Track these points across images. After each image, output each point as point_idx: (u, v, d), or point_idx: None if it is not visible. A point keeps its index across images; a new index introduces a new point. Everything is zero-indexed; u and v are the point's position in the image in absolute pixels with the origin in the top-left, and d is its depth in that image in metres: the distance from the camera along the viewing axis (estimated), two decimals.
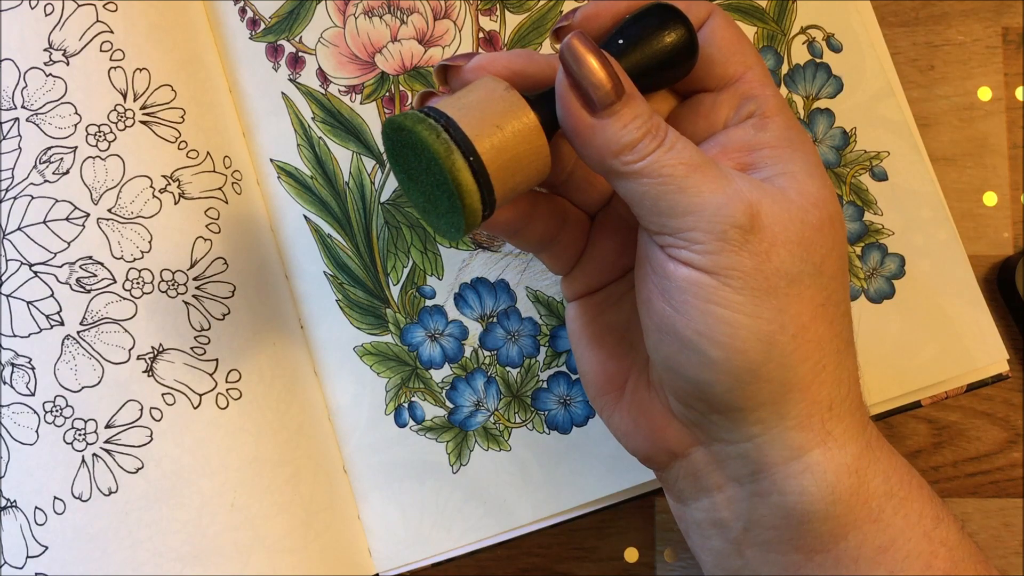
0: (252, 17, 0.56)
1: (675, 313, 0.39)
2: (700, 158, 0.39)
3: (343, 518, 0.53)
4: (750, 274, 0.38)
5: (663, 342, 0.40)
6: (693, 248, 0.38)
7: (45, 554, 0.50)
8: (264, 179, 0.56)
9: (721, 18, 0.42)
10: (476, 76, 0.40)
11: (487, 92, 0.38)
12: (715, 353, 0.39)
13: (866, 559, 0.40)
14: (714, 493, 0.41)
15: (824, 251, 0.40)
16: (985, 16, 0.58)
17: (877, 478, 0.40)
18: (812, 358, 0.39)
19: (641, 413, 0.43)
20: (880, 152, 0.56)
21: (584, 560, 0.55)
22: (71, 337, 0.51)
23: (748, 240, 0.38)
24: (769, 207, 0.38)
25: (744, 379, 0.39)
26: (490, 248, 0.55)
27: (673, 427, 0.42)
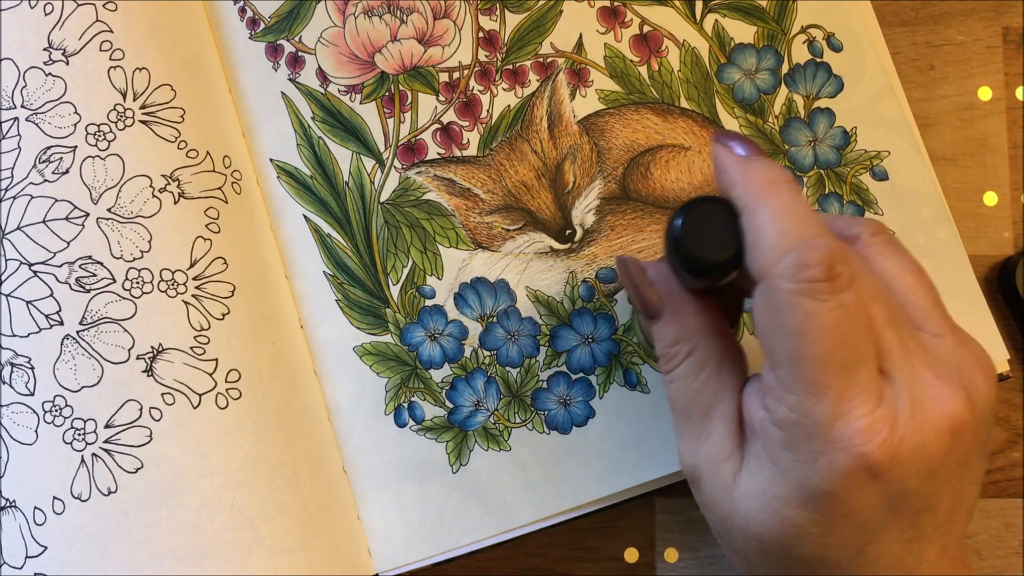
0: (252, 17, 0.56)
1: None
2: (691, 404, 0.44)
3: (343, 518, 0.53)
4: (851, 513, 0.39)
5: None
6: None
7: (44, 554, 0.50)
8: (264, 179, 0.56)
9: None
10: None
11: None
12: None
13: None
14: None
15: (944, 480, 0.40)
16: (985, 16, 0.58)
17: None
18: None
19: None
20: (881, 152, 0.56)
21: (584, 560, 0.55)
22: (71, 337, 0.51)
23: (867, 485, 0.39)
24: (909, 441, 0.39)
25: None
26: (490, 248, 0.55)
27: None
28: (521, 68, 0.56)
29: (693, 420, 0.44)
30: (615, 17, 0.57)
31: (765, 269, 0.38)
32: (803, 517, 0.39)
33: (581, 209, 0.55)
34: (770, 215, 0.39)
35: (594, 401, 0.54)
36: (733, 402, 0.43)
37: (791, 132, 0.56)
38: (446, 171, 0.55)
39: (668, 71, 0.56)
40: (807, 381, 0.38)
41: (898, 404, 0.38)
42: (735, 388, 0.43)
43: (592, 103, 0.56)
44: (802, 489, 0.39)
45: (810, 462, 0.38)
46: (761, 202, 0.39)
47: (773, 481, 0.40)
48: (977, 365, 0.41)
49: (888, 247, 0.43)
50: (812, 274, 0.37)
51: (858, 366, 0.38)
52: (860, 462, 0.37)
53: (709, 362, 0.43)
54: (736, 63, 0.57)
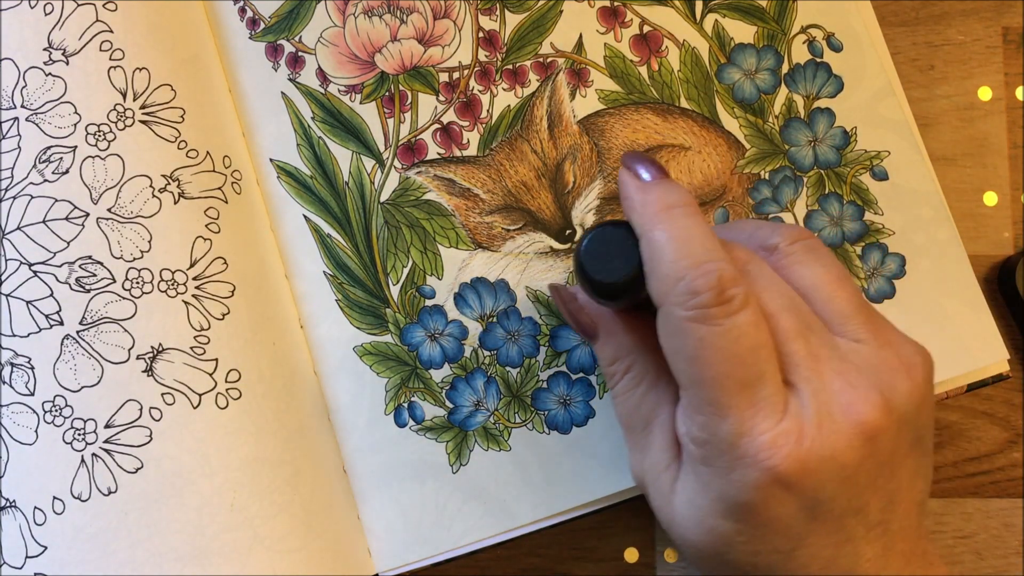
0: (252, 17, 0.56)
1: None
2: (633, 418, 0.45)
3: (343, 518, 0.53)
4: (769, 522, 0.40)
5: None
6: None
7: (44, 554, 0.50)
8: (264, 179, 0.56)
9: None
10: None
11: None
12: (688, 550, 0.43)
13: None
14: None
15: (867, 483, 0.40)
16: (985, 16, 0.58)
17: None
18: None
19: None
20: (880, 152, 0.56)
21: (584, 560, 0.55)
22: (70, 337, 0.51)
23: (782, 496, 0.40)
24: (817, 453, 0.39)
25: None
26: (490, 248, 0.55)
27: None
28: (521, 68, 0.56)
29: (636, 433, 0.45)
30: (615, 17, 0.57)
31: (661, 297, 0.40)
32: (727, 527, 0.40)
33: (581, 209, 0.55)
34: (663, 241, 0.40)
35: (594, 401, 0.54)
36: (671, 414, 0.44)
37: (791, 132, 0.56)
38: (446, 171, 0.55)
39: (668, 71, 0.56)
40: (709, 402, 0.39)
41: (804, 415, 0.39)
42: (672, 400, 0.44)
43: (592, 103, 0.56)
44: (721, 501, 0.40)
45: (724, 476, 0.39)
46: (655, 228, 0.40)
47: (698, 492, 0.41)
48: (900, 366, 0.41)
49: (808, 255, 0.44)
50: (702, 300, 0.38)
51: (757, 383, 0.39)
52: (768, 475, 0.38)
53: (646, 377, 0.45)
54: (736, 63, 0.57)
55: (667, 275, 0.39)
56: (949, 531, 0.56)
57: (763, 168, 0.56)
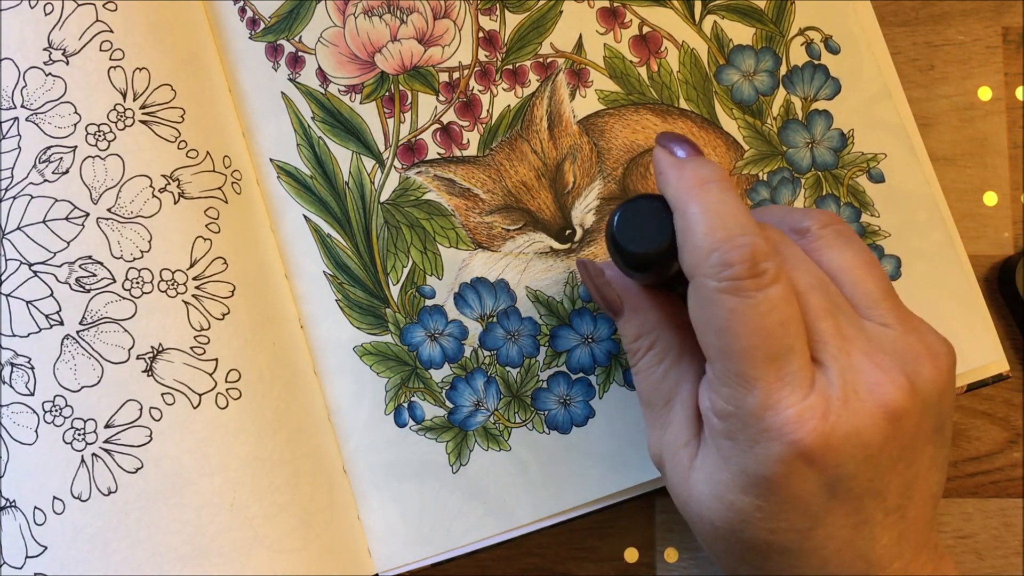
0: (252, 17, 0.56)
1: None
2: (654, 395, 0.46)
3: (343, 518, 0.53)
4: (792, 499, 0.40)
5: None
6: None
7: (44, 554, 0.50)
8: (264, 179, 0.56)
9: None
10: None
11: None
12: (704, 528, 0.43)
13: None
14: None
15: (888, 466, 0.40)
16: (985, 16, 0.58)
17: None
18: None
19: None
20: (877, 154, 0.56)
21: (584, 560, 0.55)
22: (70, 337, 0.51)
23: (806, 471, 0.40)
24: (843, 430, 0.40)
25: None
26: (490, 248, 0.55)
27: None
28: (521, 68, 0.56)
29: (656, 409, 0.45)
30: (615, 18, 0.57)
31: (693, 268, 0.40)
32: (746, 502, 0.40)
33: (581, 209, 0.55)
34: (698, 214, 0.40)
35: (594, 401, 0.54)
36: (692, 391, 0.44)
37: (789, 133, 0.56)
38: (446, 171, 0.55)
39: (667, 72, 0.57)
40: (736, 374, 0.39)
41: (830, 392, 0.39)
42: (694, 378, 0.44)
43: (592, 103, 0.56)
44: (743, 475, 0.40)
45: (747, 450, 0.40)
46: (691, 201, 0.40)
47: (718, 467, 0.41)
48: (926, 353, 0.41)
49: (838, 239, 0.45)
50: (735, 272, 0.38)
51: (786, 357, 0.39)
52: (793, 449, 0.38)
53: (669, 354, 0.45)
54: (735, 64, 0.57)
55: (701, 247, 0.39)
56: (949, 531, 0.56)
57: (761, 169, 0.56)
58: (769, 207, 0.50)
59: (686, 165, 0.42)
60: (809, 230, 0.45)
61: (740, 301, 0.38)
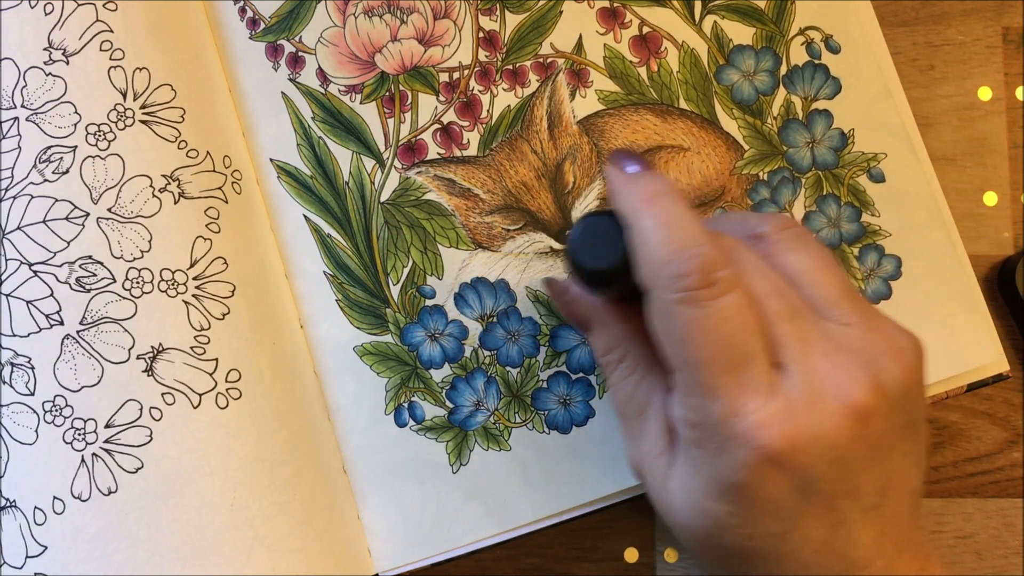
0: (252, 17, 0.56)
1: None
2: (628, 406, 0.45)
3: (343, 518, 0.53)
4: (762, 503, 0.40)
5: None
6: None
7: (44, 554, 0.50)
8: (264, 179, 0.56)
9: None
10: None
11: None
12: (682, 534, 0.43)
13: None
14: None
15: (860, 465, 0.40)
16: (985, 16, 0.58)
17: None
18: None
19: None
20: (878, 154, 0.56)
21: (584, 560, 0.55)
22: (71, 337, 0.51)
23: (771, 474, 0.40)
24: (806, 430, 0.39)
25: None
26: (490, 248, 0.55)
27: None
28: (521, 68, 0.56)
29: (631, 421, 0.45)
30: (615, 18, 0.57)
31: (649, 281, 0.40)
32: (720, 509, 0.40)
33: (581, 209, 0.55)
34: (650, 227, 0.40)
35: (594, 401, 0.54)
36: (664, 401, 0.44)
37: (789, 133, 0.56)
38: (446, 171, 0.55)
39: (667, 72, 0.57)
40: (699, 384, 0.39)
41: (793, 395, 0.39)
42: (666, 388, 0.44)
43: (592, 104, 0.56)
44: (714, 482, 0.40)
45: (715, 457, 0.40)
46: (642, 215, 0.40)
47: (691, 475, 0.41)
48: (889, 350, 0.41)
49: (795, 242, 0.45)
50: (689, 283, 0.39)
51: (745, 364, 0.39)
52: (760, 454, 0.38)
53: (639, 366, 0.45)
54: (735, 64, 0.57)
55: (654, 260, 0.39)
56: (949, 531, 0.56)
57: (762, 169, 0.56)
58: (727, 214, 0.51)
59: (636, 180, 0.42)
60: (765, 235, 0.45)
61: (696, 311, 0.39)
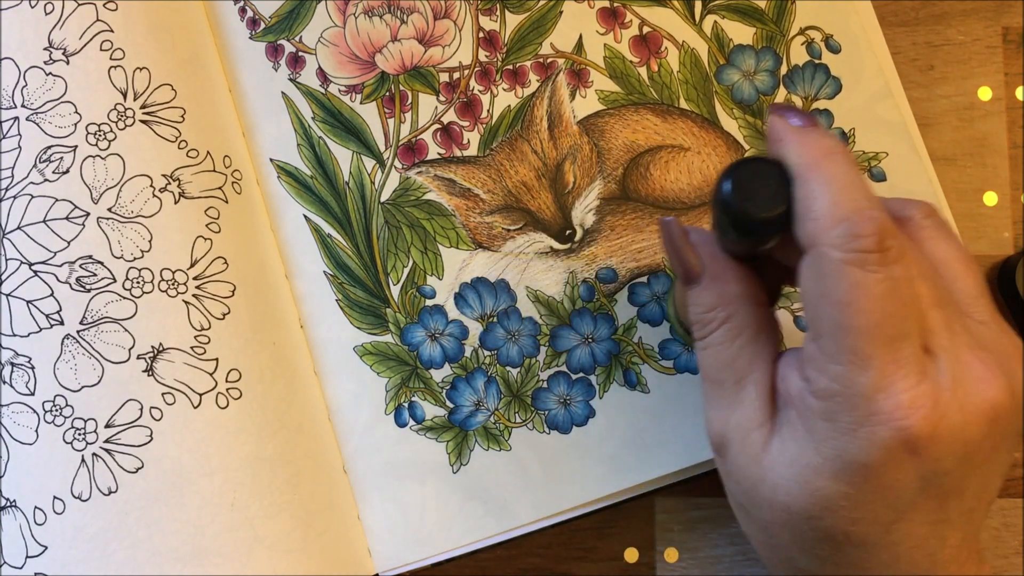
0: (252, 17, 0.56)
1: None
2: (724, 372, 0.43)
3: (343, 518, 0.53)
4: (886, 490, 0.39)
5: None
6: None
7: (44, 554, 0.50)
8: (264, 179, 0.56)
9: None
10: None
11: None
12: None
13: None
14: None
15: (977, 465, 0.39)
16: (985, 16, 0.58)
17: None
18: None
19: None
20: (879, 153, 0.56)
21: (584, 560, 0.55)
22: (71, 336, 0.51)
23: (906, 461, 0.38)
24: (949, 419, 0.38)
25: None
26: (490, 248, 0.55)
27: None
28: (521, 68, 0.56)
29: (725, 387, 0.43)
30: (615, 18, 0.57)
31: (815, 237, 0.38)
32: (834, 489, 0.39)
33: (581, 209, 0.55)
34: (825, 183, 0.38)
35: (594, 401, 0.54)
36: (767, 371, 0.42)
37: None
38: (446, 171, 0.55)
39: (667, 72, 0.57)
40: (851, 351, 0.37)
41: (941, 382, 0.38)
42: (769, 358, 0.43)
43: (592, 104, 0.56)
44: (838, 460, 0.38)
45: (849, 433, 0.38)
46: (816, 170, 0.39)
47: (807, 451, 0.39)
48: (1018, 355, 0.40)
49: (939, 231, 0.43)
50: (863, 244, 0.37)
51: (903, 340, 0.37)
52: (900, 435, 0.37)
53: (746, 330, 0.43)
54: (735, 64, 0.57)
55: (827, 216, 0.38)
56: None
57: None
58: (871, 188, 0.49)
59: (810, 134, 0.40)
60: (912, 219, 0.43)
61: (865, 275, 0.37)
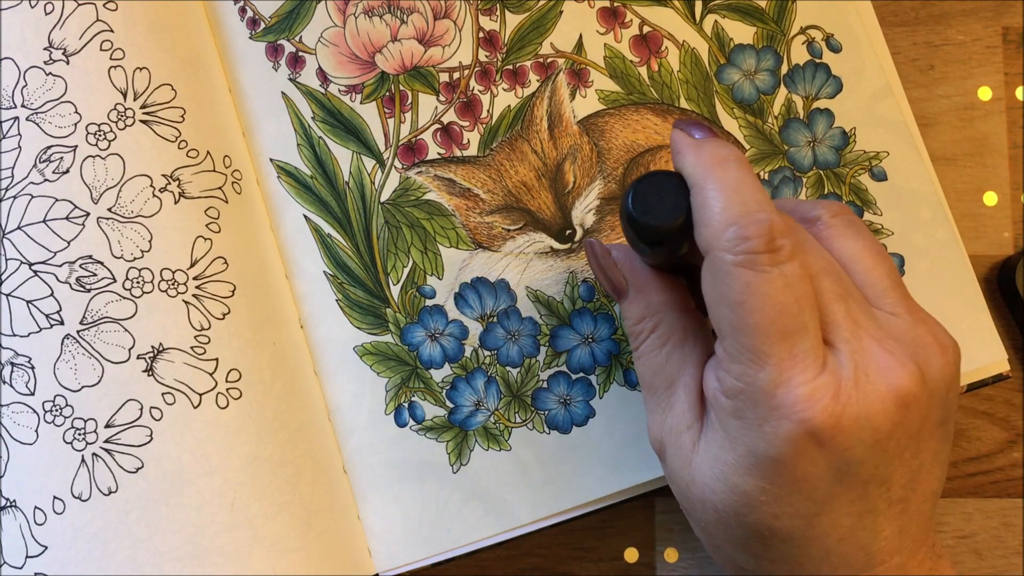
0: (252, 17, 0.56)
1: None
2: (656, 378, 0.45)
3: (343, 518, 0.53)
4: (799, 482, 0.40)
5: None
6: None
7: (44, 554, 0.50)
8: (264, 179, 0.56)
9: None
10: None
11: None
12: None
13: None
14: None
15: (895, 454, 0.40)
16: (985, 16, 0.58)
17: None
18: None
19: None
20: (879, 152, 0.56)
21: (584, 560, 0.55)
22: (71, 336, 0.51)
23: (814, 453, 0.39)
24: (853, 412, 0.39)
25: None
26: (490, 248, 0.55)
27: None
28: (521, 68, 0.56)
29: (658, 393, 0.45)
30: (615, 18, 0.57)
31: (710, 242, 0.39)
32: (752, 484, 0.40)
33: (581, 209, 0.55)
34: (716, 190, 0.40)
35: (594, 401, 0.54)
36: (695, 375, 0.44)
37: (791, 132, 0.56)
38: (446, 171, 0.55)
39: (668, 72, 0.57)
40: (749, 350, 0.39)
41: (842, 373, 0.39)
42: (697, 362, 0.44)
43: (592, 103, 0.56)
44: (750, 456, 0.40)
45: (755, 429, 0.39)
46: (709, 178, 0.40)
47: (724, 449, 0.41)
48: (934, 343, 0.41)
49: (848, 228, 0.45)
50: (752, 246, 0.38)
51: (799, 335, 0.39)
52: (802, 428, 0.38)
53: (672, 337, 0.45)
54: (735, 64, 0.57)
55: (718, 221, 0.39)
56: (949, 531, 0.56)
57: (763, 168, 0.56)
58: (779, 199, 0.50)
59: (704, 144, 0.42)
60: (820, 218, 0.45)
61: (756, 275, 0.38)
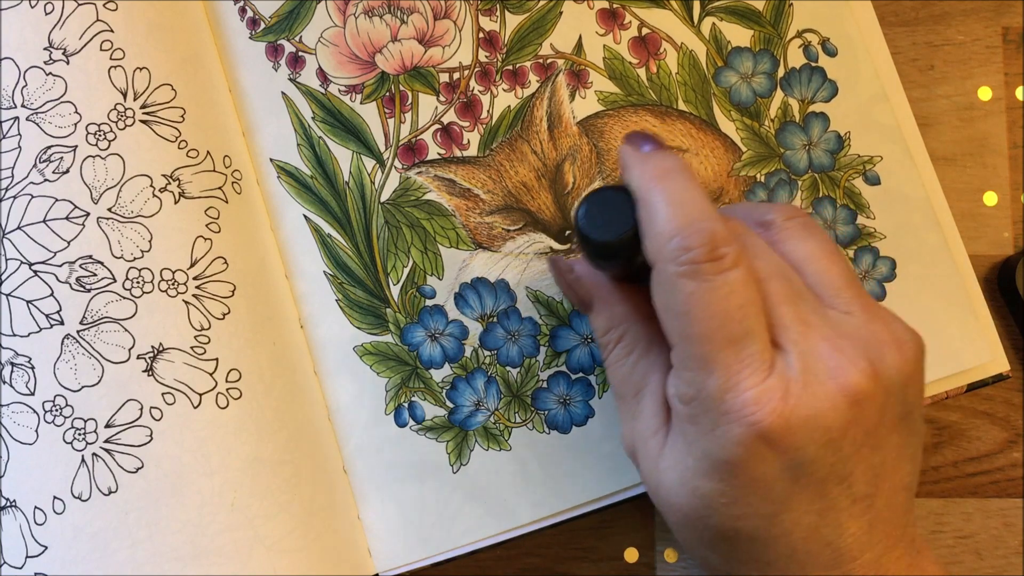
0: (252, 17, 0.56)
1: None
2: (624, 386, 0.46)
3: (343, 518, 0.53)
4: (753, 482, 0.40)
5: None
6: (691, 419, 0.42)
7: (44, 554, 0.49)
8: (264, 179, 0.56)
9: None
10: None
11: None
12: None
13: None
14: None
15: (852, 451, 0.40)
16: (985, 16, 0.59)
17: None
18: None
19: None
20: (874, 156, 0.56)
21: (584, 560, 0.55)
22: (71, 336, 0.50)
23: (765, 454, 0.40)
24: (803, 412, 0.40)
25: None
26: (490, 248, 0.55)
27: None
28: (521, 69, 0.56)
29: (627, 401, 0.46)
30: (614, 19, 0.57)
31: (655, 254, 0.40)
32: (710, 487, 0.40)
33: None
34: (660, 202, 0.40)
35: (594, 401, 0.54)
36: (660, 381, 0.44)
37: (786, 136, 0.56)
38: (446, 171, 0.55)
39: (666, 73, 0.57)
40: (697, 357, 0.39)
41: (790, 374, 0.39)
42: (663, 368, 0.45)
43: (591, 104, 0.56)
44: (706, 459, 0.40)
45: (709, 433, 0.40)
46: (653, 190, 0.41)
47: (684, 453, 0.41)
48: (890, 340, 0.41)
49: (802, 230, 0.45)
50: (694, 255, 0.39)
51: (745, 340, 0.39)
52: (752, 430, 0.39)
53: (638, 346, 0.45)
54: (733, 66, 0.57)
55: (661, 233, 0.40)
56: (949, 531, 0.56)
57: (759, 171, 0.56)
58: (735, 204, 0.51)
59: (649, 157, 0.42)
60: (773, 222, 0.45)
61: (698, 285, 0.39)
